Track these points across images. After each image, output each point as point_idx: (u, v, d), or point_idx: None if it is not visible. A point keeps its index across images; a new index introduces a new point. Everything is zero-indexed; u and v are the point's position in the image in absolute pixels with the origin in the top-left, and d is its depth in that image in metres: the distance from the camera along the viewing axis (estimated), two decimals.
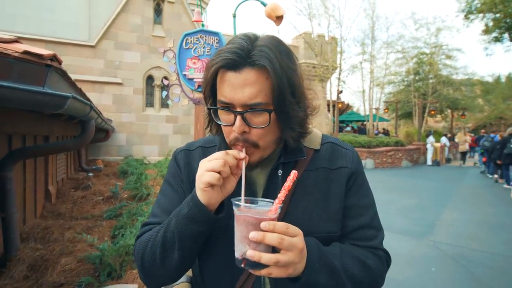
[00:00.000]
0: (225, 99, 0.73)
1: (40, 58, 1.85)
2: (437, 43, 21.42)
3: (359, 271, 0.75)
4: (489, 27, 15.97)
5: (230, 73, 0.72)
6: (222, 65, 0.72)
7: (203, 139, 0.95)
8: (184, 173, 0.87)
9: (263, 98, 0.72)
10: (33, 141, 4.22)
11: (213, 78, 0.76)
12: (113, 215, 4.55)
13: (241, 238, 0.64)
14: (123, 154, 11.21)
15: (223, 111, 0.76)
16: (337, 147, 0.89)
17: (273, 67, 0.70)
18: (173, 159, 0.92)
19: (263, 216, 0.63)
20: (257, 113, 0.72)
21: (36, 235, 3.52)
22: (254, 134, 0.75)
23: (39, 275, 2.65)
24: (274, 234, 0.61)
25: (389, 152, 14.93)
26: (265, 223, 0.61)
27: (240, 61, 0.70)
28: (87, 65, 10.79)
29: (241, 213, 0.64)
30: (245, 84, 0.71)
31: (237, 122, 0.72)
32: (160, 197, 0.89)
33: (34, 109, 2.03)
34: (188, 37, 4.41)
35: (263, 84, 0.71)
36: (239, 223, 0.64)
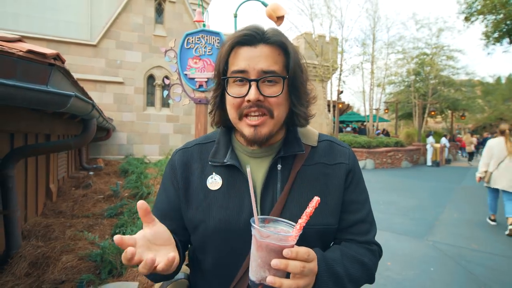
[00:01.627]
0: (240, 67, 0.76)
1: (44, 57, 1.87)
2: (438, 44, 21.43)
3: (359, 271, 0.79)
4: (489, 29, 15.97)
5: (245, 48, 0.77)
6: (238, 40, 0.77)
7: (201, 137, 0.96)
8: (180, 171, 0.88)
9: (278, 69, 0.77)
10: (34, 140, 4.24)
11: (227, 54, 0.80)
12: (113, 213, 4.57)
13: (261, 264, 0.64)
14: (123, 153, 11.24)
15: (235, 84, 0.78)
16: (334, 144, 0.92)
17: (287, 44, 0.78)
18: (170, 160, 0.93)
19: (285, 243, 0.63)
20: (271, 84, 0.77)
21: (38, 232, 3.54)
22: (268, 103, 0.77)
23: (40, 272, 2.67)
24: (297, 262, 0.63)
25: (389, 153, 14.93)
26: (287, 251, 0.62)
27: (256, 36, 0.77)
28: (89, 64, 10.81)
29: (263, 239, 0.63)
30: (261, 55, 0.76)
31: (252, 89, 0.75)
32: (157, 199, 0.92)
33: (37, 107, 2.05)
34: (190, 37, 4.44)
35: (277, 58, 0.78)
36: (261, 248, 0.64)
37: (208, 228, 0.81)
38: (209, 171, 0.86)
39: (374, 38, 18.21)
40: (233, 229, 0.79)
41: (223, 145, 0.89)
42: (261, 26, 0.80)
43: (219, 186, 0.83)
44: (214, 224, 0.80)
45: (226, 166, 0.85)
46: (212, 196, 0.83)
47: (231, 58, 0.80)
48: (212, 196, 0.83)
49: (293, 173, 0.83)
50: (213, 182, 0.84)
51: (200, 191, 0.85)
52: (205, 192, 0.84)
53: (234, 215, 0.80)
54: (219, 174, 0.85)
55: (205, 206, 0.83)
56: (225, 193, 0.83)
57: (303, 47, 19.05)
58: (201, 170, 0.87)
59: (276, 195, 0.81)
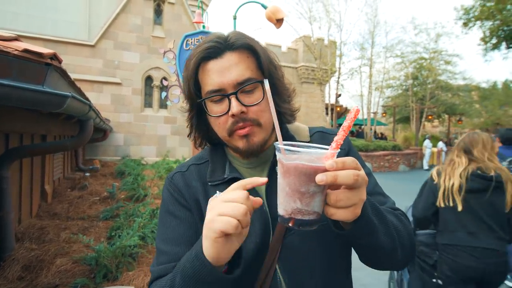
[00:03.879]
0: (214, 86, 0.73)
1: (40, 56, 1.83)
2: (437, 49, 21.58)
3: (395, 219, 0.73)
4: (486, 35, 16.11)
5: (212, 62, 0.74)
6: (202, 55, 0.73)
7: (193, 158, 0.91)
8: (186, 192, 0.82)
9: (252, 74, 0.74)
10: (30, 140, 4.19)
11: (195, 73, 0.76)
12: (109, 215, 4.51)
13: (289, 192, 0.53)
14: (120, 154, 11.16)
15: (213, 103, 0.75)
16: (326, 134, 0.89)
17: (253, 45, 0.75)
18: (167, 185, 0.85)
19: (318, 164, 0.51)
20: (250, 93, 0.74)
21: (32, 235, 3.48)
22: (252, 113, 0.73)
23: (33, 276, 2.62)
24: (349, 171, 0.51)
25: (387, 156, 14.97)
26: (332, 162, 0.50)
27: (219, 46, 0.73)
28: (86, 64, 10.75)
29: (290, 161, 0.53)
30: (230, 65, 0.73)
31: (233, 103, 0.72)
32: (164, 231, 0.79)
33: (33, 107, 2.01)
34: (189, 38, 4.41)
35: (247, 62, 0.74)
36: (288, 173, 0.53)
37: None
38: (211, 190, 0.80)
39: (373, 42, 18.30)
40: (248, 248, 0.73)
41: (219, 162, 0.85)
42: (221, 34, 0.76)
43: None
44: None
45: (227, 182, 0.79)
46: None
47: (200, 76, 0.76)
48: None
49: None
50: None
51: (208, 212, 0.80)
52: None
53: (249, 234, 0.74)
54: (222, 191, 0.79)
55: None
56: None
57: (301, 50, 19.10)
58: (203, 190, 0.81)
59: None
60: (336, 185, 0.52)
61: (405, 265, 0.77)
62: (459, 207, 1.98)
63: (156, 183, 7.08)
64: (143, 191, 5.77)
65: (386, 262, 0.73)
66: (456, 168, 2.05)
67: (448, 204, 2.02)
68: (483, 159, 2.01)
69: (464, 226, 1.99)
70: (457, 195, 1.99)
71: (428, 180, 2.22)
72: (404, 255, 0.72)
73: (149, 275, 2.75)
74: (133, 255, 3.10)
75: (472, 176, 1.99)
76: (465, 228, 1.98)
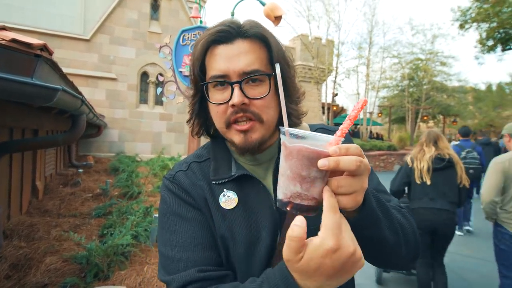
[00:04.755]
0: (219, 72, 0.68)
1: (29, 47, 1.75)
2: (433, 50, 21.69)
3: (399, 215, 0.70)
4: (483, 37, 16.21)
5: (221, 46, 0.69)
6: (213, 38, 0.69)
7: (191, 156, 0.85)
8: (193, 191, 0.75)
9: (260, 65, 0.69)
10: (21, 135, 4.08)
11: (202, 55, 0.71)
12: (102, 213, 4.43)
13: (290, 176, 0.52)
14: (114, 150, 11.04)
15: (216, 89, 0.70)
16: (327, 131, 0.86)
17: (267, 36, 0.70)
18: (169, 186, 0.77)
19: (322, 149, 0.50)
20: (255, 84, 0.69)
21: (21, 232, 3.39)
22: (255, 106, 0.69)
23: (21, 275, 2.54)
24: (352, 157, 0.49)
25: (382, 156, 15.04)
26: (335, 147, 0.49)
27: (232, 32, 0.69)
28: (81, 59, 10.60)
29: (293, 144, 0.52)
30: (239, 53, 0.68)
31: (235, 92, 0.67)
32: (171, 237, 0.71)
33: (21, 100, 1.93)
34: (186, 33, 4.33)
35: (258, 52, 0.70)
36: (290, 156, 0.52)
37: (236, 255, 0.71)
38: (217, 189, 0.75)
39: (371, 42, 18.32)
40: (259, 250, 0.70)
41: (223, 159, 0.79)
42: (236, 19, 0.71)
43: (235, 204, 0.73)
44: (241, 248, 0.71)
45: (235, 180, 0.75)
46: (231, 217, 0.72)
47: (207, 60, 0.72)
48: (230, 217, 0.72)
49: None
50: (227, 200, 0.73)
51: (216, 212, 0.73)
52: (221, 213, 0.73)
53: (259, 234, 0.71)
54: (230, 189, 0.74)
55: (225, 229, 0.72)
56: (243, 211, 0.72)
57: (299, 49, 19.06)
58: (209, 189, 0.75)
59: None
60: (338, 171, 0.50)
61: (408, 264, 0.73)
62: (428, 182, 2.82)
63: (151, 180, 7.00)
64: (137, 189, 5.69)
65: (389, 258, 0.69)
66: (425, 154, 2.88)
67: (421, 181, 2.85)
68: (443, 148, 2.88)
69: (427, 194, 2.83)
70: (426, 174, 2.83)
71: (404, 165, 3.04)
72: (408, 252, 0.69)
73: (142, 275, 2.65)
74: (126, 254, 3.03)
75: (435, 159, 2.84)
76: (427, 196, 2.83)
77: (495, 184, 2.50)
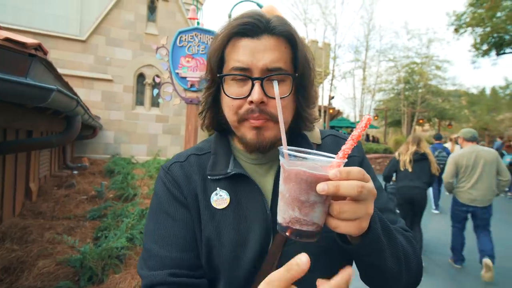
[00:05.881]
0: (242, 64, 0.65)
1: (23, 46, 1.72)
2: (428, 54, 21.90)
3: (404, 241, 0.68)
4: (477, 41, 16.40)
5: (246, 40, 0.66)
6: (238, 30, 0.66)
7: (192, 148, 0.83)
8: (184, 185, 0.73)
9: (285, 65, 0.67)
10: (14, 136, 4.02)
11: (223, 46, 0.68)
12: (97, 215, 4.38)
13: (289, 200, 0.50)
14: (110, 152, 10.95)
15: (235, 83, 0.67)
16: (338, 139, 0.84)
17: (295, 36, 0.68)
18: (162, 177, 0.76)
19: (322, 172, 0.48)
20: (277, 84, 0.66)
21: (13, 235, 3.33)
22: (272, 107, 0.66)
23: (13, 279, 2.49)
24: (352, 182, 0.47)
25: (378, 159, 15.09)
26: (335, 171, 0.47)
27: (259, 25, 0.66)
28: (77, 60, 10.52)
29: (291, 166, 0.50)
30: (265, 49, 0.65)
31: (255, 89, 0.64)
32: (155, 230, 0.71)
33: (15, 101, 1.90)
34: (183, 34, 4.31)
35: (283, 52, 0.67)
36: (289, 179, 0.50)
37: (221, 256, 0.68)
38: (211, 186, 0.73)
39: (368, 45, 18.44)
40: (248, 252, 0.68)
41: (222, 154, 0.76)
42: (263, 13, 0.68)
43: (227, 204, 0.70)
44: (228, 250, 0.68)
45: (230, 178, 0.72)
46: (220, 217, 0.70)
47: (228, 51, 0.68)
48: (220, 217, 0.70)
49: None
50: (219, 199, 0.71)
51: (206, 210, 0.71)
52: (211, 212, 0.71)
53: (248, 236, 0.69)
54: (224, 188, 0.72)
55: (212, 229, 0.70)
56: (234, 212, 0.70)
57: None
58: (202, 185, 0.73)
59: None
60: (339, 196, 0.48)
61: None
62: (409, 170, 4.00)
63: (146, 182, 6.94)
64: (132, 191, 5.63)
65: (387, 284, 0.66)
66: (408, 150, 4.08)
67: (404, 168, 4.03)
68: (422, 147, 4.05)
69: (408, 177, 4.02)
70: (409, 164, 4.01)
71: (393, 158, 4.29)
72: (409, 280, 0.66)
73: (137, 279, 2.60)
74: (120, 257, 2.98)
75: (414, 154, 4.03)
76: (408, 178, 4.01)
77: (451, 171, 3.96)
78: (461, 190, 3.89)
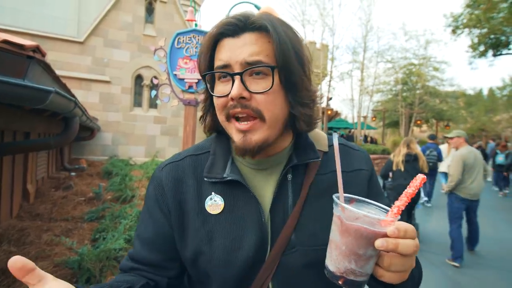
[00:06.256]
0: (221, 62, 0.66)
1: (21, 48, 1.73)
2: (426, 55, 21.99)
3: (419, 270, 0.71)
4: (474, 42, 16.50)
5: (228, 39, 0.66)
6: (220, 31, 0.66)
7: (192, 147, 0.82)
8: (170, 191, 0.73)
9: (265, 58, 0.64)
10: (12, 137, 4.02)
11: (210, 48, 0.69)
12: (94, 217, 4.37)
13: (346, 252, 0.53)
14: (108, 154, 10.93)
15: (220, 82, 0.68)
16: (347, 148, 0.81)
17: (275, 28, 0.65)
18: (154, 177, 0.77)
19: (380, 229, 0.51)
20: (259, 77, 0.64)
21: (11, 236, 3.32)
22: (256, 102, 0.64)
23: (10, 281, 2.48)
24: (409, 241, 0.51)
25: (376, 160, 15.11)
26: (394, 229, 0.50)
27: (240, 25, 0.65)
28: (74, 61, 10.50)
29: (351, 221, 0.52)
30: (244, 44, 0.65)
31: (235, 85, 0.63)
32: (139, 225, 0.77)
33: (13, 102, 1.90)
34: (181, 36, 4.33)
35: (265, 45, 0.65)
36: (347, 233, 0.53)
37: (212, 261, 0.68)
38: (206, 189, 0.72)
39: (366, 46, 18.50)
40: (240, 261, 0.67)
41: (221, 156, 0.75)
42: (249, 13, 0.68)
43: (221, 209, 0.70)
44: (219, 256, 0.68)
45: (226, 183, 0.71)
46: (213, 222, 0.69)
47: (215, 53, 0.69)
48: (213, 222, 0.69)
49: (306, 184, 0.71)
50: (213, 205, 0.70)
51: (196, 216, 0.70)
52: (203, 217, 0.70)
53: (241, 244, 0.68)
54: (219, 193, 0.71)
55: (205, 234, 0.69)
56: (228, 218, 0.69)
57: None
58: (196, 189, 0.72)
59: (287, 211, 0.70)
60: (394, 251, 0.52)
61: None
62: (402, 169, 4.59)
63: (144, 184, 6.93)
64: (130, 192, 5.63)
65: None
66: (400, 152, 4.71)
67: (398, 168, 4.64)
68: (413, 148, 4.67)
69: (402, 175, 4.57)
70: (401, 164, 4.61)
71: (389, 159, 4.89)
72: None
73: None
74: (118, 258, 2.98)
75: (406, 155, 4.64)
76: (402, 177, 4.56)
77: (461, 169, 4.19)
78: (465, 186, 4.19)
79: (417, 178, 0.55)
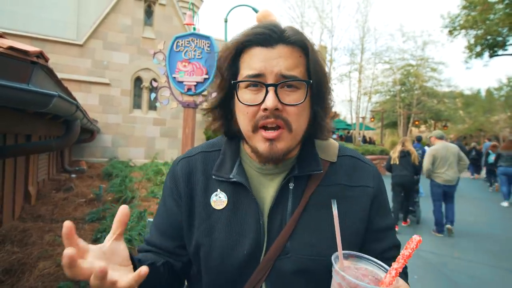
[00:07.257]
0: (255, 71, 0.65)
1: (26, 54, 1.79)
2: (423, 56, 22.10)
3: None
4: (471, 43, 16.61)
5: (260, 48, 0.66)
6: (251, 39, 0.66)
7: (204, 144, 0.85)
8: (183, 183, 0.78)
9: (299, 73, 0.67)
10: (14, 140, 4.08)
11: (234, 54, 0.68)
12: (95, 218, 4.42)
13: None
14: (108, 155, 10.98)
15: (248, 90, 0.67)
16: (358, 161, 0.80)
17: (308, 45, 0.68)
18: (171, 171, 0.82)
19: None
20: (291, 90, 0.66)
21: (13, 237, 3.37)
22: (287, 113, 0.66)
23: (14, 280, 2.54)
24: None
25: (375, 161, 15.16)
26: None
27: (273, 36, 0.66)
28: (74, 64, 10.56)
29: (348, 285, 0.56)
30: (279, 56, 0.65)
31: (269, 96, 0.63)
32: (156, 214, 0.85)
33: (17, 106, 1.96)
34: (179, 39, 4.39)
35: (297, 60, 0.67)
36: None
37: (210, 254, 0.72)
38: (213, 186, 0.76)
39: (363, 48, 18.60)
40: (235, 257, 0.70)
41: (230, 156, 0.78)
42: (278, 24, 0.68)
43: (224, 206, 0.74)
44: (216, 250, 0.71)
45: (232, 183, 0.74)
46: (216, 217, 0.73)
47: (242, 60, 0.69)
48: (215, 217, 0.73)
49: (306, 194, 0.73)
50: (218, 201, 0.74)
51: (203, 209, 0.75)
52: (208, 211, 0.74)
53: (238, 241, 0.71)
54: (224, 191, 0.74)
55: (207, 227, 0.73)
56: (229, 215, 0.73)
57: None
58: (205, 184, 0.76)
59: (285, 218, 0.72)
60: None
61: None
62: (397, 163, 5.43)
63: (144, 185, 6.99)
64: (130, 193, 5.69)
65: None
66: (396, 149, 5.57)
67: (394, 162, 5.49)
68: (406, 146, 5.49)
69: (398, 168, 5.45)
70: (397, 159, 5.44)
71: (390, 156, 5.71)
72: None
73: None
74: None
75: (400, 152, 5.47)
76: (398, 169, 5.44)
77: (429, 161, 5.24)
78: (438, 175, 5.23)
79: (413, 240, 0.57)
